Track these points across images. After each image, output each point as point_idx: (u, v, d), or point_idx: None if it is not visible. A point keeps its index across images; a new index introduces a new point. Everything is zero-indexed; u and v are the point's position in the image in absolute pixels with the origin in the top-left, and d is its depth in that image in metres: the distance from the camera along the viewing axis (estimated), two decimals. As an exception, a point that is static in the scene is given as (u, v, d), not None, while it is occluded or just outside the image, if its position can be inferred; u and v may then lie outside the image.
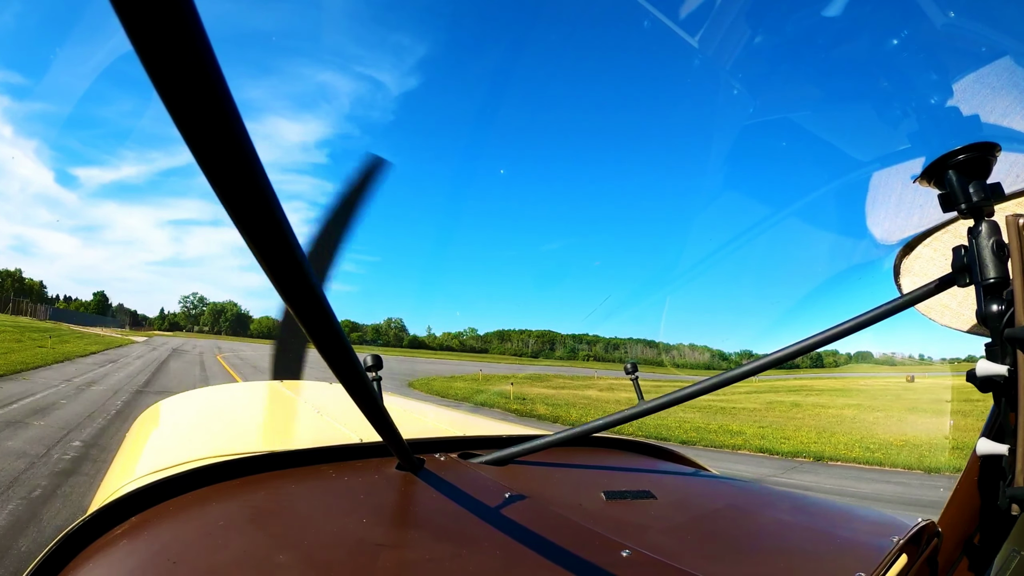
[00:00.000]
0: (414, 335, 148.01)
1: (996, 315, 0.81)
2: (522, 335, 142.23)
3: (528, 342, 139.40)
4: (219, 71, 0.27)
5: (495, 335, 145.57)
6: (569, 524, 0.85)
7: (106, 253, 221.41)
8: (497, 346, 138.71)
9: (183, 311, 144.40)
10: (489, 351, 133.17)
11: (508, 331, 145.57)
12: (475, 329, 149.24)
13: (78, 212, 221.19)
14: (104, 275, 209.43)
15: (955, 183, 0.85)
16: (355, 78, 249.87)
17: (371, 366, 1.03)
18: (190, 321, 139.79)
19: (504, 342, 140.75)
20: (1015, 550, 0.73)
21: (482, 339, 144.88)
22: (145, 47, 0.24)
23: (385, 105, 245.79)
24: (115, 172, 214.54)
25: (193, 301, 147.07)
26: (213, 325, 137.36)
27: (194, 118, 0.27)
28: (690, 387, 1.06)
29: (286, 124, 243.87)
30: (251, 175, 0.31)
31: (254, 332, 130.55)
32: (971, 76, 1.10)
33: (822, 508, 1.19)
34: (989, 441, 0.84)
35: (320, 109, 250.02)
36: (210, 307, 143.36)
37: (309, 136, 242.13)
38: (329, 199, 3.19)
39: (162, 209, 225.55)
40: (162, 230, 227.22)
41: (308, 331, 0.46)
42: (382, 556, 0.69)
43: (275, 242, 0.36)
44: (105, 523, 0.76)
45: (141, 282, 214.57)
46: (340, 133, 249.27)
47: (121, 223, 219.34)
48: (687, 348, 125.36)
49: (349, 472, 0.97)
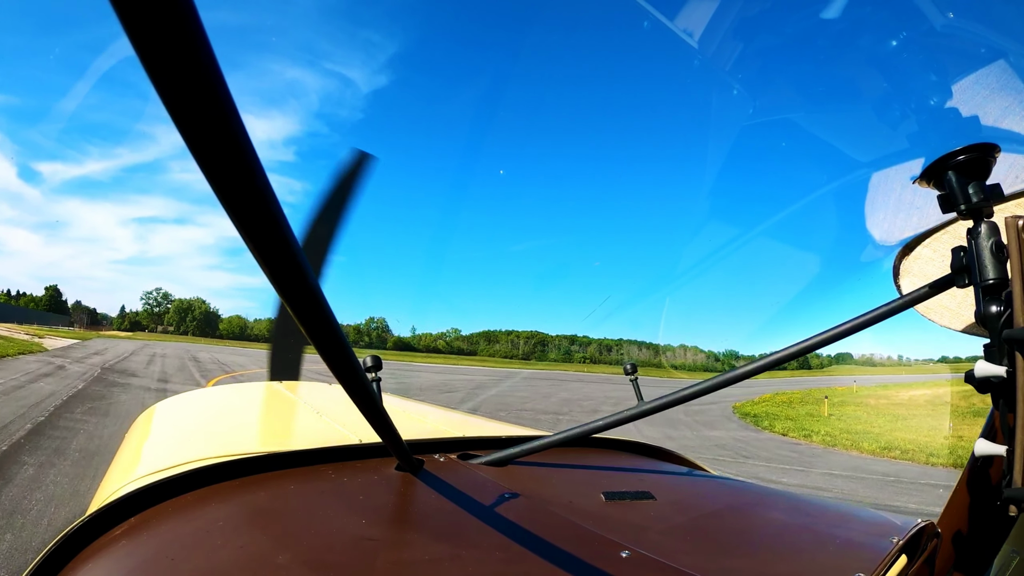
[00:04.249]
0: (398, 336, 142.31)
1: (995, 316, 0.81)
2: (510, 336, 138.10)
3: (518, 343, 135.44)
4: (219, 71, 0.27)
5: (481, 336, 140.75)
6: (568, 525, 0.85)
7: (70, 250, 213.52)
8: (485, 348, 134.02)
9: (145, 309, 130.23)
10: (477, 353, 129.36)
11: (495, 332, 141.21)
12: (459, 330, 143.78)
13: (41, 208, 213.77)
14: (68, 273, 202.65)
15: (954, 184, 0.85)
16: (324, 75, 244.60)
17: (370, 367, 1.03)
18: (153, 320, 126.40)
19: (491, 343, 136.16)
20: (1014, 551, 0.73)
21: (468, 340, 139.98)
22: (146, 48, 0.24)
23: (354, 103, 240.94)
24: (80, 168, 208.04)
25: (156, 298, 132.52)
26: (179, 325, 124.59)
27: (196, 121, 0.27)
28: (690, 387, 1.06)
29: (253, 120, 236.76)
30: (251, 177, 0.31)
31: (223, 332, 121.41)
32: (970, 77, 1.10)
33: (821, 509, 1.19)
34: (987, 442, 0.84)
35: (288, 106, 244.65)
36: (175, 304, 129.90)
37: (277, 133, 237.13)
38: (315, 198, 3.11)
39: (127, 206, 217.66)
40: (126, 228, 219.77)
41: (307, 332, 0.46)
42: (381, 556, 0.69)
43: (275, 244, 0.36)
44: (104, 523, 0.76)
45: (105, 281, 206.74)
46: (309, 131, 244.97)
47: (85, 220, 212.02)
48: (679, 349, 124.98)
49: (348, 473, 0.97)
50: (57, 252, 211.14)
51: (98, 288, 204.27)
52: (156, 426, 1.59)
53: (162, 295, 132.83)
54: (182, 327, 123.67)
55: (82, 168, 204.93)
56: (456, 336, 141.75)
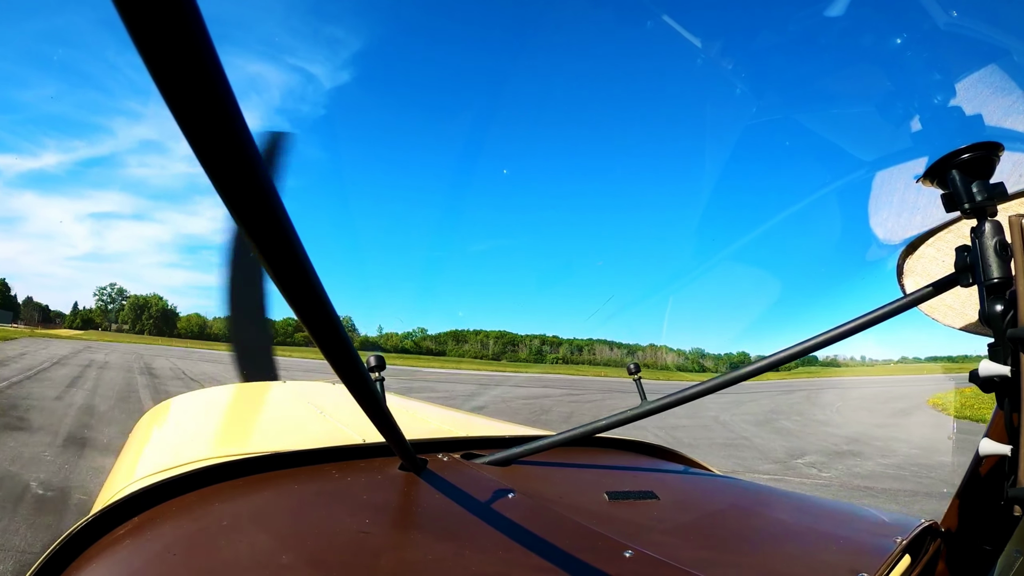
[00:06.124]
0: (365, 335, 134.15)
1: (999, 315, 0.80)
2: (479, 336, 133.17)
3: (487, 344, 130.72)
4: (221, 70, 0.27)
5: (449, 336, 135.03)
6: (571, 524, 0.85)
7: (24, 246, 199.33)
8: (453, 348, 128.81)
9: (99, 306, 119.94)
10: (446, 353, 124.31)
11: (463, 331, 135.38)
12: (425, 329, 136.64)
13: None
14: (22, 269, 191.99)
15: (958, 183, 0.85)
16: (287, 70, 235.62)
17: (374, 366, 1.04)
18: (107, 318, 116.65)
19: (460, 343, 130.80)
20: (1017, 551, 0.73)
21: (436, 340, 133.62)
22: (149, 48, 0.24)
23: (316, 99, 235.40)
24: (35, 161, 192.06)
25: (111, 294, 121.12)
26: (134, 323, 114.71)
27: (199, 121, 0.27)
28: (691, 388, 1.07)
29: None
30: (255, 179, 0.31)
31: (182, 331, 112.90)
32: (974, 76, 1.10)
33: (824, 508, 1.19)
34: (992, 442, 0.84)
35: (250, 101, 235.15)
36: (131, 301, 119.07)
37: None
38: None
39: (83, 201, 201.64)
40: (83, 223, 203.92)
41: (311, 332, 0.46)
42: (385, 556, 0.69)
43: (279, 245, 0.36)
44: (108, 523, 0.77)
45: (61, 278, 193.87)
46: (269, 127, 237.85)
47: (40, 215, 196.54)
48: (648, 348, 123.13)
49: (352, 472, 0.98)
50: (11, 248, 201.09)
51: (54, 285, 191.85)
52: (160, 426, 1.60)
53: (116, 291, 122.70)
54: (138, 325, 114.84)
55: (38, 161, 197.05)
56: (423, 336, 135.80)
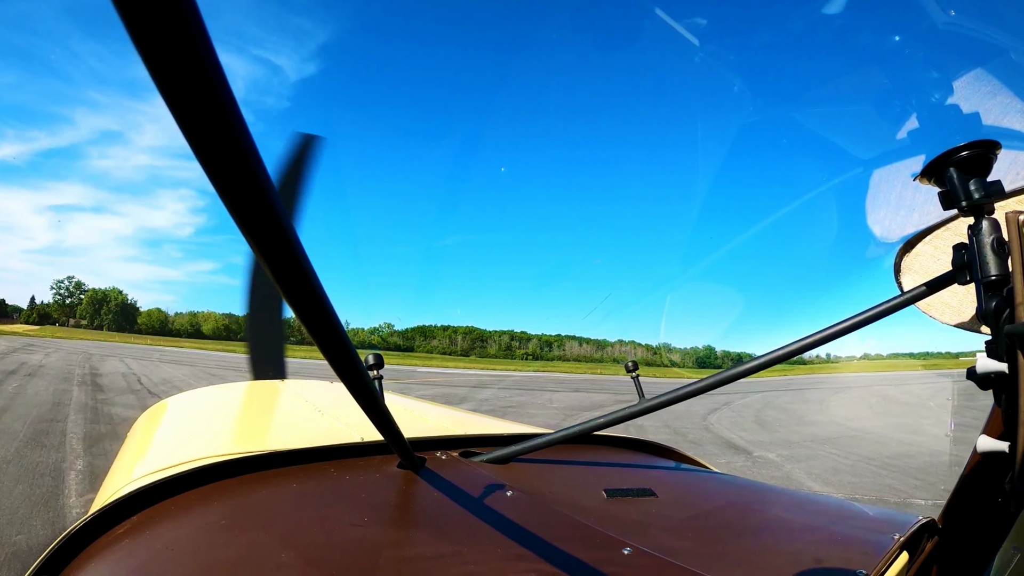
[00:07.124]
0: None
1: (996, 312, 0.81)
2: (447, 331, 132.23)
3: (455, 339, 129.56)
4: (221, 71, 0.27)
5: (416, 331, 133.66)
6: (570, 522, 0.85)
7: None
8: (421, 344, 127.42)
9: (56, 300, 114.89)
10: (414, 349, 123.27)
11: (431, 327, 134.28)
12: (391, 324, 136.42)
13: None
14: None
15: (955, 181, 0.85)
16: (252, 61, 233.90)
17: (372, 365, 1.04)
18: (64, 312, 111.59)
19: (428, 339, 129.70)
20: (1015, 548, 0.73)
21: (404, 336, 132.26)
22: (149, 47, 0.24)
23: (281, 91, 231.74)
24: None
25: (68, 288, 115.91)
26: (92, 318, 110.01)
27: (197, 118, 0.27)
28: (690, 386, 1.07)
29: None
30: (254, 177, 0.31)
31: (142, 327, 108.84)
32: (972, 73, 1.10)
33: (823, 506, 1.20)
34: (989, 438, 0.84)
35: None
36: (89, 295, 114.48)
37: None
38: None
39: (42, 193, 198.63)
40: (42, 215, 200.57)
41: (309, 330, 0.46)
42: (384, 554, 0.69)
43: (277, 241, 0.36)
44: (107, 522, 0.77)
45: (19, 272, 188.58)
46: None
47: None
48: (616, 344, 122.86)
49: (350, 471, 0.98)
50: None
51: (12, 279, 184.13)
52: (158, 425, 1.60)
53: (74, 284, 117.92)
54: (96, 320, 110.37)
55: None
56: (391, 331, 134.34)
